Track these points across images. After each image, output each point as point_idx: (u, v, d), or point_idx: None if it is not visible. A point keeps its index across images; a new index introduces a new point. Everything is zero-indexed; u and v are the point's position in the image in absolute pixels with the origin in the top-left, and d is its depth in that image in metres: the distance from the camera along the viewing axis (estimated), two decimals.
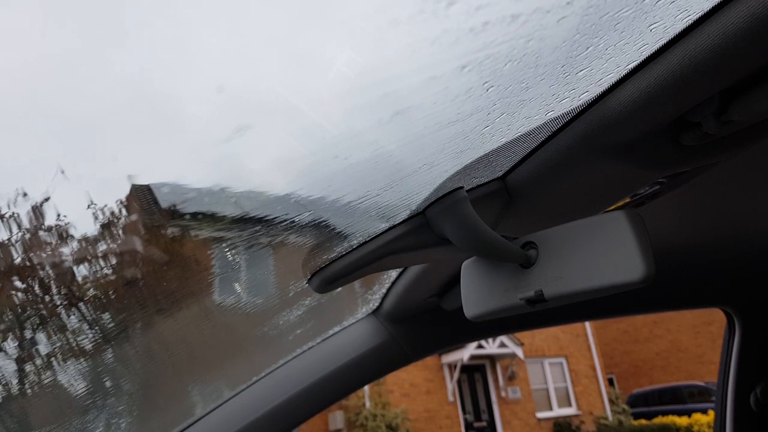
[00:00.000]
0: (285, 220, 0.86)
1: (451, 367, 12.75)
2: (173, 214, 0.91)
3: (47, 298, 1.05)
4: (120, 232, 1.02)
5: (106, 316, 1.08)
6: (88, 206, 0.91)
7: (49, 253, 0.99)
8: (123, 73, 0.74)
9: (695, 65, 0.46)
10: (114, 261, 1.05)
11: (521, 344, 13.15)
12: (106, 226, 0.99)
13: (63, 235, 0.97)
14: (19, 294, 1.02)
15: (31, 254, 0.98)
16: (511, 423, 13.07)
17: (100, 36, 0.69)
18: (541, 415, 13.63)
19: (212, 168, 0.82)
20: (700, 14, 0.45)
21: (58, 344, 1.07)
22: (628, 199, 0.76)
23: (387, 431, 10.75)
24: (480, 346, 12.37)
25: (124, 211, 0.97)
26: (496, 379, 13.44)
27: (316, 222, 0.86)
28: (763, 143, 0.59)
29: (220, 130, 0.76)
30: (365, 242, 0.79)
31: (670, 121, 0.54)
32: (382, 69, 0.65)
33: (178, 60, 0.73)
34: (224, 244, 1.00)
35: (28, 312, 1.05)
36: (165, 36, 0.69)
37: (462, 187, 0.73)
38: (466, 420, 12.62)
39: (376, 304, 1.28)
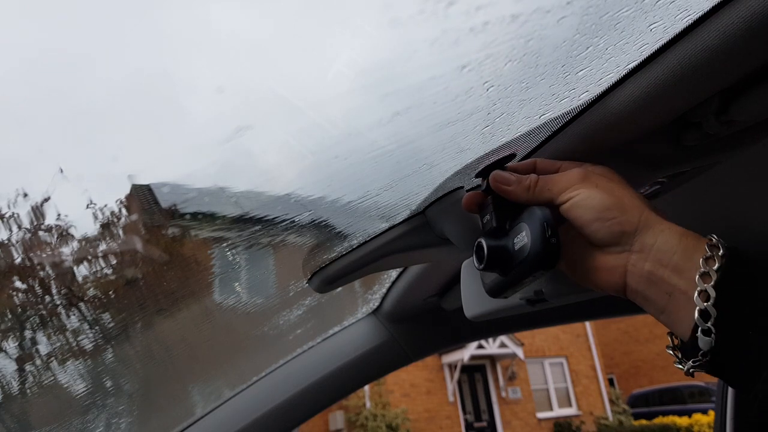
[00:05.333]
0: (285, 220, 0.86)
1: (452, 367, 12.75)
2: (173, 214, 0.92)
3: (47, 298, 1.05)
4: (120, 231, 1.02)
5: (106, 316, 1.09)
6: (88, 206, 0.91)
7: (49, 252, 0.99)
8: (122, 71, 0.74)
9: (695, 65, 0.46)
10: (114, 261, 1.05)
11: (521, 344, 13.15)
12: (106, 226, 0.99)
13: (63, 234, 0.97)
14: (19, 294, 1.02)
15: (31, 254, 0.98)
16: (511, 423, 13.07)
17: (101, 32, 0.69)
18: (541, 415, 13.63)
19: (212, 168, 0.83)
20: (700, 14, 0.45)
21: (58, 344, 1.07)
22: None
23: (387, 431, 10.75)
24: (480, 346, 12.37)
25: (124, 211, 0.97)
26: (496, 380, 13.44)
27: (316, 222, 0.86)
28: (763, 143, 0.59)
29: (220, 130, 0.76)
30: (365, 242, 0.79)
31: (670, 121, 0.54)
32: (381, 69, 0.65)
33: (177, 60, 0.73)
34: (224, 244, 1.00)
35: (28, 312, 1.05)
36: (163, 36, 0.69)
37: (462, 187, 0.73)
38: (466, 420, 12.62)
39: (376, 304, 1.28)
